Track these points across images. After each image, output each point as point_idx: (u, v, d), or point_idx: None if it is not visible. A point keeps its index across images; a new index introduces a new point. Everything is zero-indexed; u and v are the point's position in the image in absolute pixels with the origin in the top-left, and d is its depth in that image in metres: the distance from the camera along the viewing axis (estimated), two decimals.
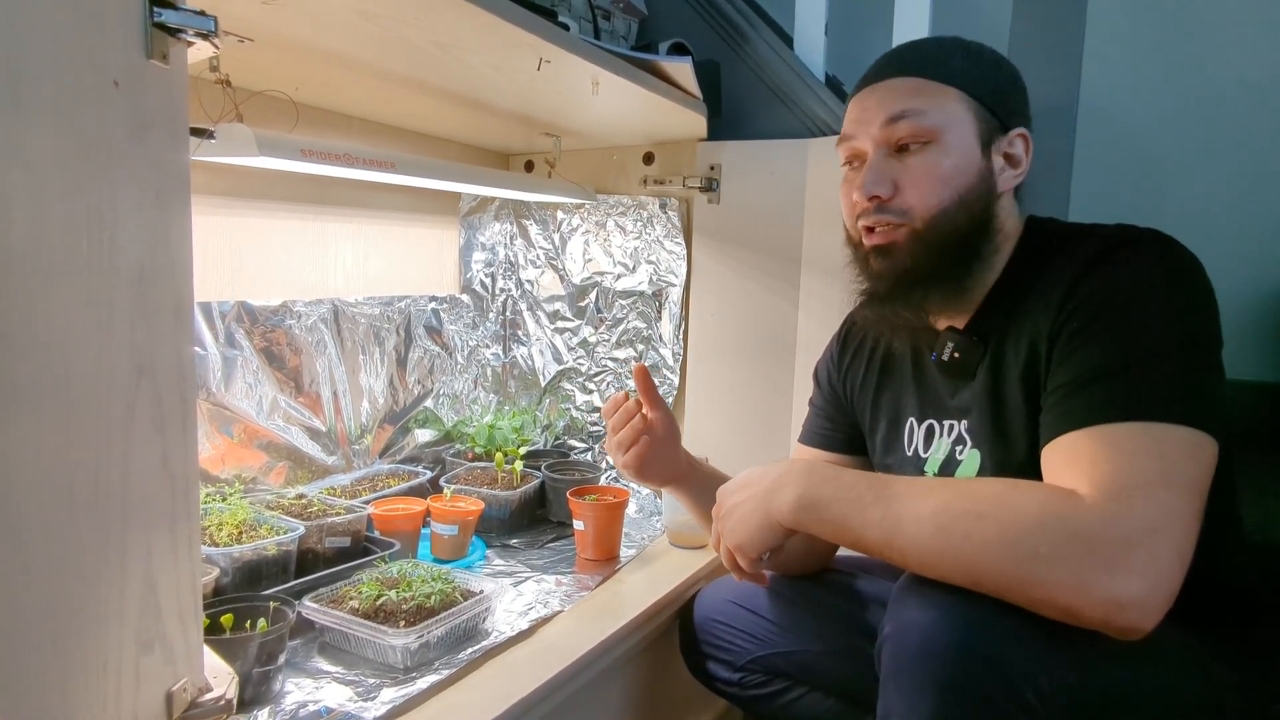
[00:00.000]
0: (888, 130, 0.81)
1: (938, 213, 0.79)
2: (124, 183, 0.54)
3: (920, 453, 0.90)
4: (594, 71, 1.05)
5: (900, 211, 0.81)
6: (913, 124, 0.79)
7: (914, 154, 0.80)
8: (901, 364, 0.95)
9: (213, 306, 1.12)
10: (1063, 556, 0.60)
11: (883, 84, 0.83)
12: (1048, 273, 0.77)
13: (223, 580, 0.94)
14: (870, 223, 0.83)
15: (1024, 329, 0.77)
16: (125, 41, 0.54)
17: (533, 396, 1.70)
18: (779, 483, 0.78)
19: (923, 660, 0.63)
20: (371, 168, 1.02)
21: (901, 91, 0.81)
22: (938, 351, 0.86)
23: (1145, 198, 1.57)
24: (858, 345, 1.03)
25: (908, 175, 0.80)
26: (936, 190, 0.79)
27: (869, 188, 0.81)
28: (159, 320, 0.58)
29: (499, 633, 0.97)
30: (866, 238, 0.84)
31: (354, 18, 0.83)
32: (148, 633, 0.58)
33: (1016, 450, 0.78)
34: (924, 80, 0.81)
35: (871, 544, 0.71)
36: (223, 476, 1.14)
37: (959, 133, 0.80)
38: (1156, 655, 0.65)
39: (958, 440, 0.86)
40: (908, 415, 0.93)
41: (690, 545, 1.32)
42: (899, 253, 0.81)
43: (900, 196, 0.80)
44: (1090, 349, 0.70)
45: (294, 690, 0.84)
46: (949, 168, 0.79)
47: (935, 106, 0.80)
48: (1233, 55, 1.42)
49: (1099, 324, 0.70)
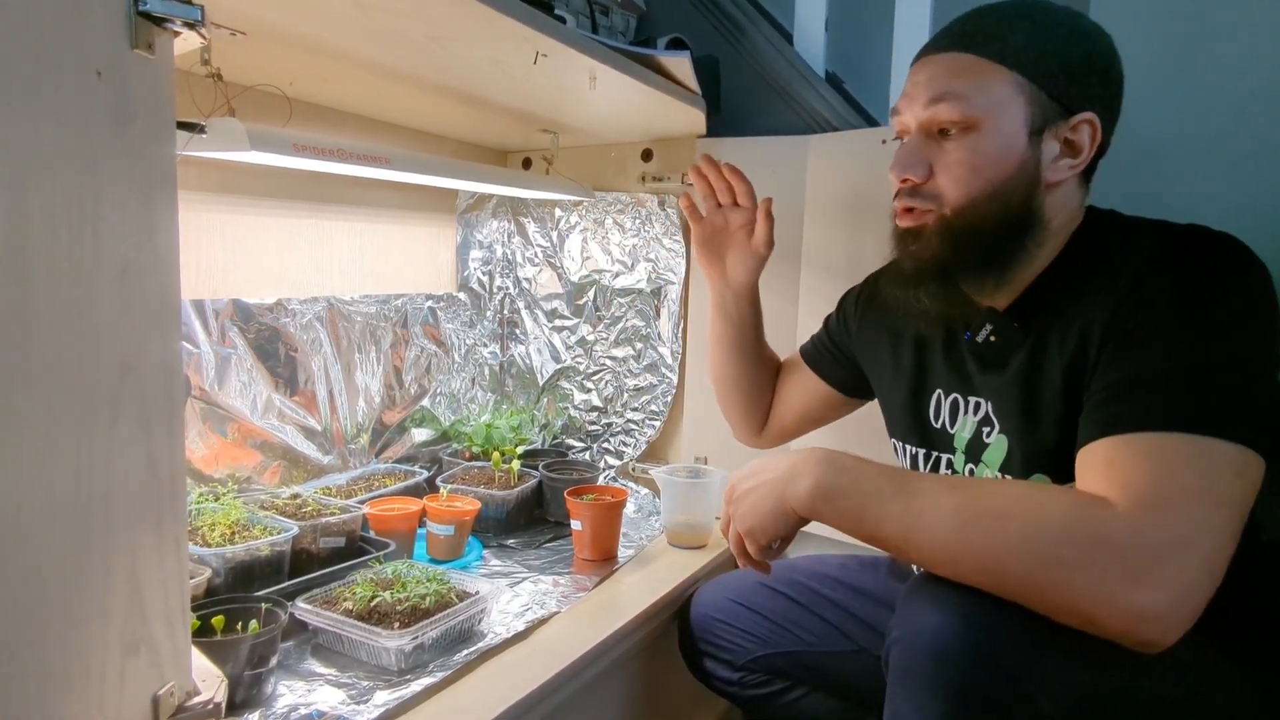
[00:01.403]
0: (930, 112, 0.77)
1: (967, 203, 0.76)
2: (107, 176, 0.53)
3: (948, 428, 0.88)
4: (591, 66, 1.04)
5: (931, 197, 0.78)
6: (952, 108, 0.75)
7: (952, 139, 0.77)
8: (934, 333, 0.90)
9: (206, 304, 1.11)
10: (1087, 563, 0.58)
11: (934, 58, 0.79)
12: (1107, 266, 0.73)
13: (215, 581, 0.93)
14: (905, 204, 0.80)
15: (1074, 321, 0.73)
16: (109, 30, 0.52)
17: (530, 395, 1.69)
18: (796, 470, 0.75)
19: (934, 665, 0.62)
20: (366, 163, 1.01)
21: (948, 70, 0.77)
22: (973, 332, 0.83)
23: (1145, 199, 1.56)
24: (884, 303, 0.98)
25: (942, 161, 0.77)
26: (967, 180, 0.76)
27: (901, 169, 0.79)
28: (144, 317, 0.56)
29: (495, 634, 0.96)
30: (900, 218, 0.82)
31: (348, 10, 0.82)
32: (133, 636, 0.57)
33: (1046, 443, 0.75)
34: (974, 58, 0.76)
35: (889, 538, 0.69)
36: (216, 476, 1.13)
37: (1003, 120, 0.75)
38: (1174, 665, 0.63)
39: (984, 421, 0.83)
40: (935, 387, 0.90)
41: (689, 545, 1.31)
42: (927, 238, 0.79)
43: (933, 181, 0.78)
44: (1145, 350, 0.66)
45: (286, 693, 0.83)
46: (985, 157, 0.75)
47: (979, 90, 0.75)
48: (1234, 57, 1.40)
49: (1158, 325, 0.66)
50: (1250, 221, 1.45)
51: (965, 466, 0.86)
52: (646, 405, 1.56)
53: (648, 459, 1.57)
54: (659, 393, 1.54)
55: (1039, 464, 0.77)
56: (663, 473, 1.31)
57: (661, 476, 1.31)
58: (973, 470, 0.85)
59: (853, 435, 1.20)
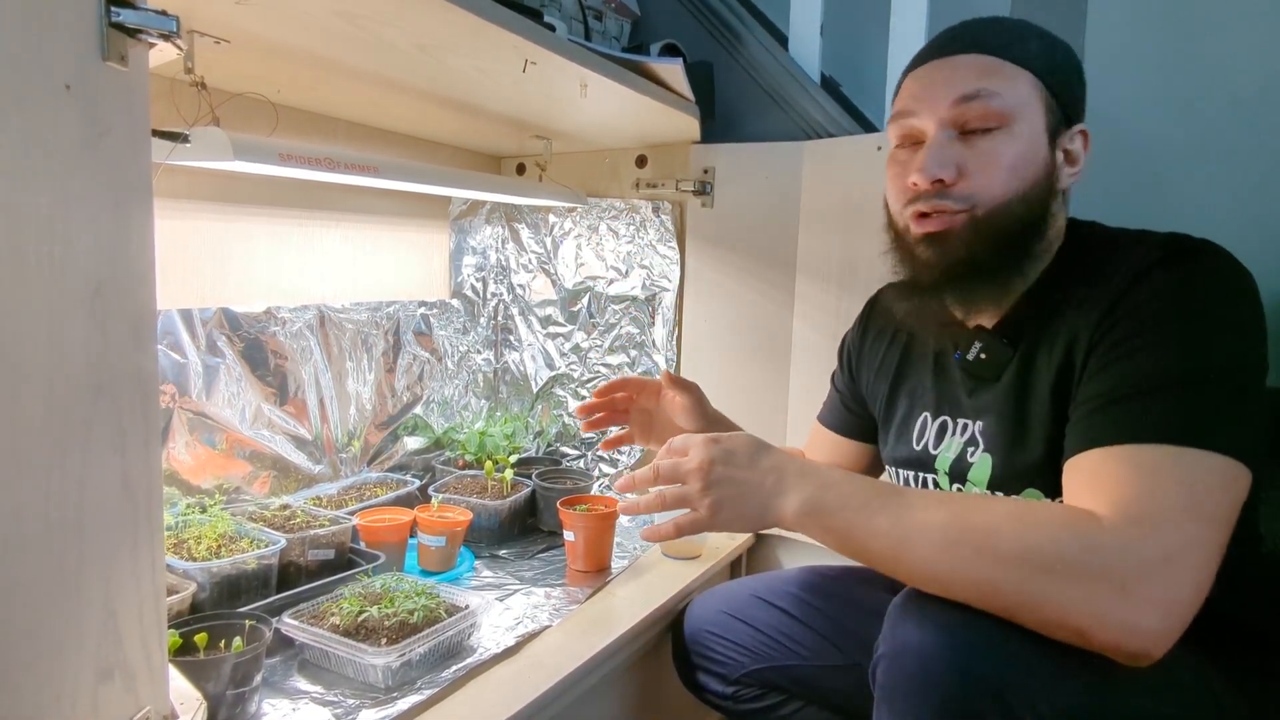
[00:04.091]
0: (957, 110, 0.74)
1: (1001, 203, 0.73)
2: (77, 191, 0.51)
3: (931, 449, 0.87)
4: (582, 73, 1.03)
5: (963, 197, 0.74)
6: (985, 105, 0.73)
7: (982, 138, 0.74)
8: (923, 355, 0.90)
9: (194, 313, 1.10)
10: (1077, 576, 0.58)
11: (951, 60, 0.76)
12: (1092, 278, 0.72)
13: (200, 596, 0.91)
14: (927, 208, 0.76)
15: (1060, 335, 0.73)
16: (78, 43, 0.51)
17: (525, 402, 1.68)
18: (783, 484, 0.73)
19: (920, 685, 0.61)
20: (353, 172, 0.99)
21: (975, 70, 0.75)
22: (963, 350, 0.82)
23: (1146, 202, 1.55)
24: (879, 329, 0.99)
25: (975, 160, 0.74)
26: (1002, 179, 0.73)
27: (933, 170, 0.74)
28: (118, 335, 0.55)
29: (485, 649, 0.95)
30: (917, 224, 0.77)
31: (332, 18, 0.81)
32: (106, 661, 0.56)
33: (1031, 460, 0.75)
34: (998, 60, 0.74)
35: (876, 554, 0.68)
36: (204, 487, 1.11)
37: (1030, 120, 0.74)
38: (1166, 683, 0.62)
39: (970, 441, 0.82)
40: (922, 409, 0.89)
41: (683, 556, 1.30)
42: (953, 241, 0.75)
43: (965, 181, 0.74)
44: (1130, 362, 0.66)
45: (270, 711, 0.81)
46: (1017, 156, 0.73)
47: (1009, 89, 0.73)
48: (1236, 58, 1.39)
49: (1143, 337, 0.66)
50: (1249, 222, 1.44)
51: (952, 487, 0.85)
52: None
53: (642, 467, 1.55)
54: None
55: (1026, 480, 0.76)
56: None
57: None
58: (958, 490, 0.84)
59: None
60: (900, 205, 0.80)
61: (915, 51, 0.83)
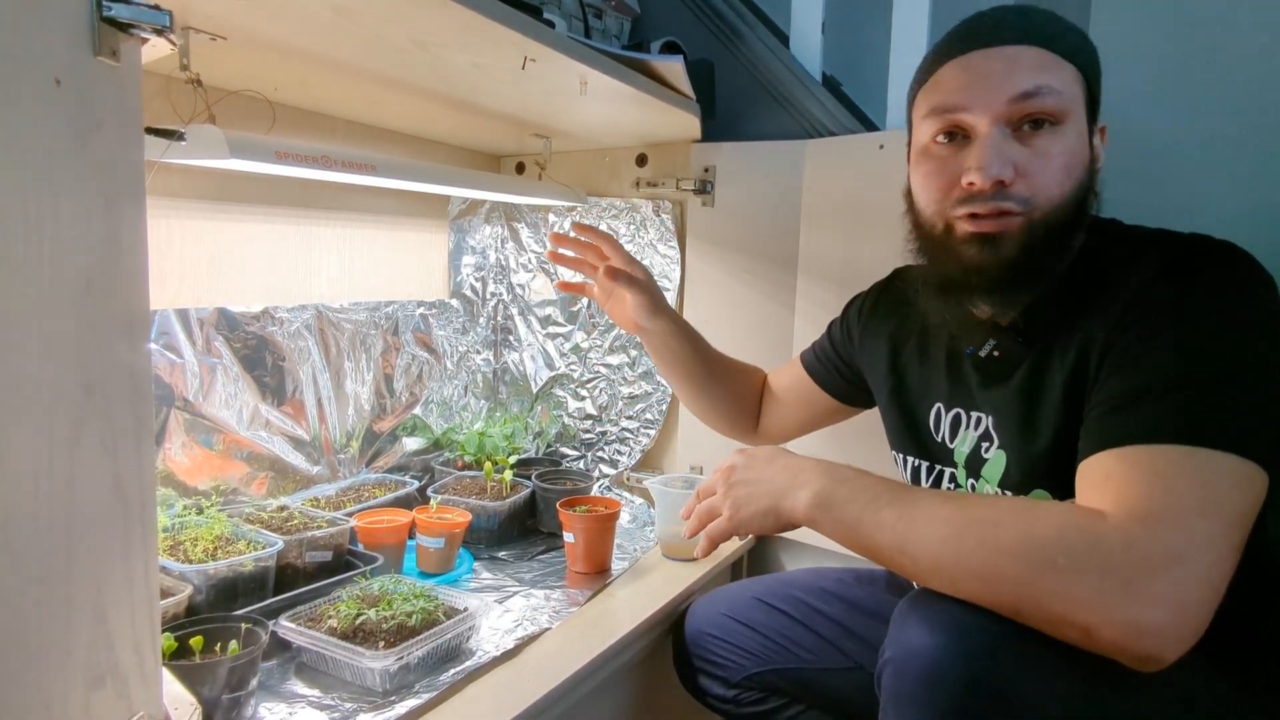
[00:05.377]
0: (1016, 106, 0.70)
1: (1056, 205, 0.71)
2: (67, 188, 0.50)
3: (948, 442, 0.86)
4: (581, 71, 1.02)
5: (1021, 199, 0.70)
6: (1043, 103, 0.69)
7: (1035, 135, 0.71)
8: (935, 344, 0.89)
9: (190, 313, 1.09)
10: (1082, 570, 0.57)
11: (1003, 51, 0.72)
12: (1110, 277, 0.71)
13: (196, 599, 0.90)
14: (984, 209, 0.71)
15: (1076, 334, 0.71)
16: (69, 37, 0.50)
17: (524, 403, 1.67)
18: (797, 480, 0.75)
19: (927, 689, 0.60)
20: (350, 170, 0.98)
21: (1032, 64, 0.71)
22: (975, 346, 0.81)
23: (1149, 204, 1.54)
24: (892, 304, 0.97)
25: (1035, 160, 0.70)
26: (1060, 179, 0.70)
27: (994, 170, 0.69)
28: (109, 334, 0.54)
29: (484, 652, 0.94)
30: (968, 223, 0.73)
31: (329, 14, 0.80)
32: (98, 667, 0.55)
33: (1045, 459, 0.74)
34: (1049, 53, 0.71)
35: (882, 547, 0.68)
36: (201, 488, 1.10)
37: (1077, 117, 0.71)
38: (1175, 689, 0.61)
39: (984, 436, 0.81)
40: (935, 400, 0.88)
41: (683, 557, 1.29)
42: (1008, 243, 0.71)
43: (1022, 182, 0.70)
44: (1145, 362, 0.65)
45: (266, 716, 0.80)
46: (1070, 155, 0.71)
47: (1064, 84, 0.70)
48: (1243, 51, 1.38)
49: (1160, 337, 0.65)
50: (1255, 224, 1.43)
51: (967, 481, 0.84)
52: (641, 413, 1.53)
53: (642, 468, 1.54)
54: (654, 401, 1.52)
55: (1038, 480, 0.75)
56: (657, 483, 1.29)
57: (656, 487, 1.28)
58: (974, 485, 0.83)
59: (853, 444, 1.18)
60: (944, 203, 0.75)
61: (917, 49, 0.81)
